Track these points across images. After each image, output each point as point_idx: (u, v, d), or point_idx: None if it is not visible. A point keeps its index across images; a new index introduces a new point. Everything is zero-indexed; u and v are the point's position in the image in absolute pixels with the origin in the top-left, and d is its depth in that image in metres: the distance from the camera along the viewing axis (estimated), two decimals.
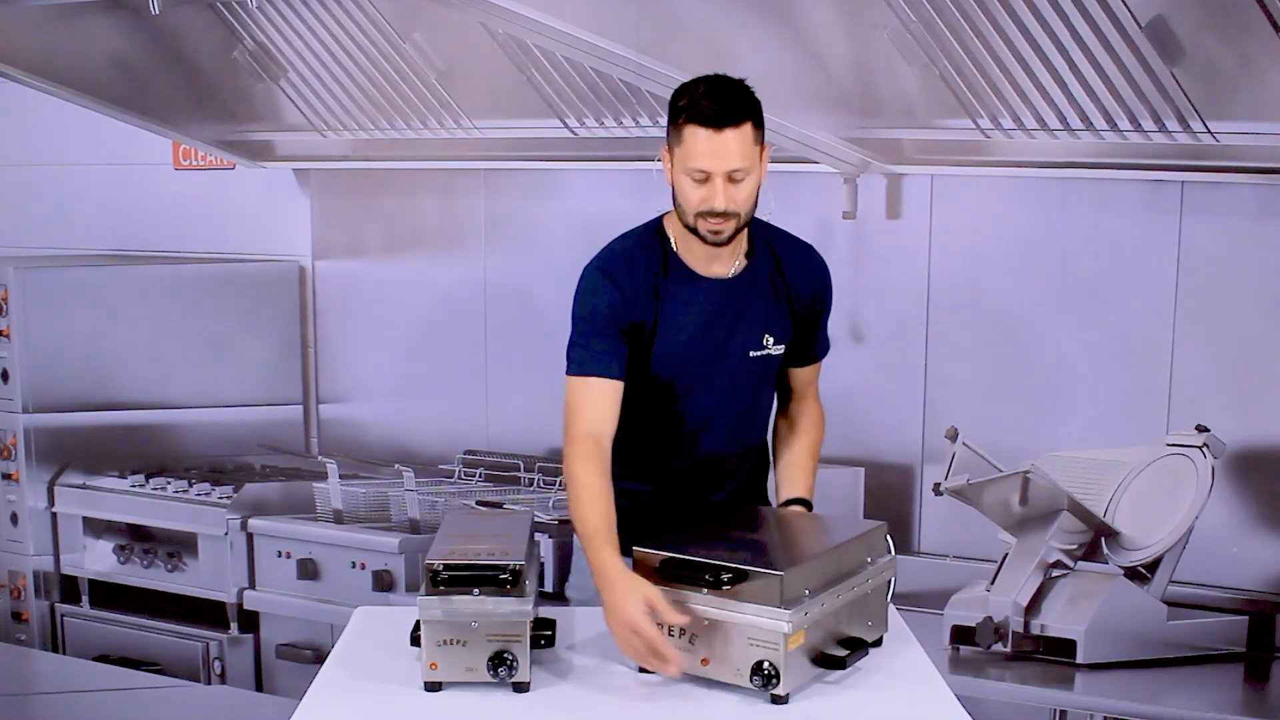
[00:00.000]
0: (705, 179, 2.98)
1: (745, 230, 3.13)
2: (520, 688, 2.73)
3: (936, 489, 3.87)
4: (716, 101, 2.98)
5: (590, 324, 3.11)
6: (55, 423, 5.63)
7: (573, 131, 5.13)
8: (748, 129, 2.98)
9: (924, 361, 4.71)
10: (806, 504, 3.25)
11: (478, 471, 5.21)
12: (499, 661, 2.70)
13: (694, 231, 3.07)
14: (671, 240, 3.16)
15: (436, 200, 5.76)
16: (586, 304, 3.13)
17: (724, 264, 3.16)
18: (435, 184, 5.73)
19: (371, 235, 5.96)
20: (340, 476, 5.12)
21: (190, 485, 5.40)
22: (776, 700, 2.67)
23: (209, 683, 5.21)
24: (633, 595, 2.79)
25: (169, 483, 5.45)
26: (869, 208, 4.72)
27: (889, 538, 3.06)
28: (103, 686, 4.25)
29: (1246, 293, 4.16)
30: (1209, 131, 3.94)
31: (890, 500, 4.70)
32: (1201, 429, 3.89)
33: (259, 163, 5.98)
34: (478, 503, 4.85)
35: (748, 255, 3.19)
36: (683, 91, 3.03)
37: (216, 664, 5.26)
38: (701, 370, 3.19)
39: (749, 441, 3.33)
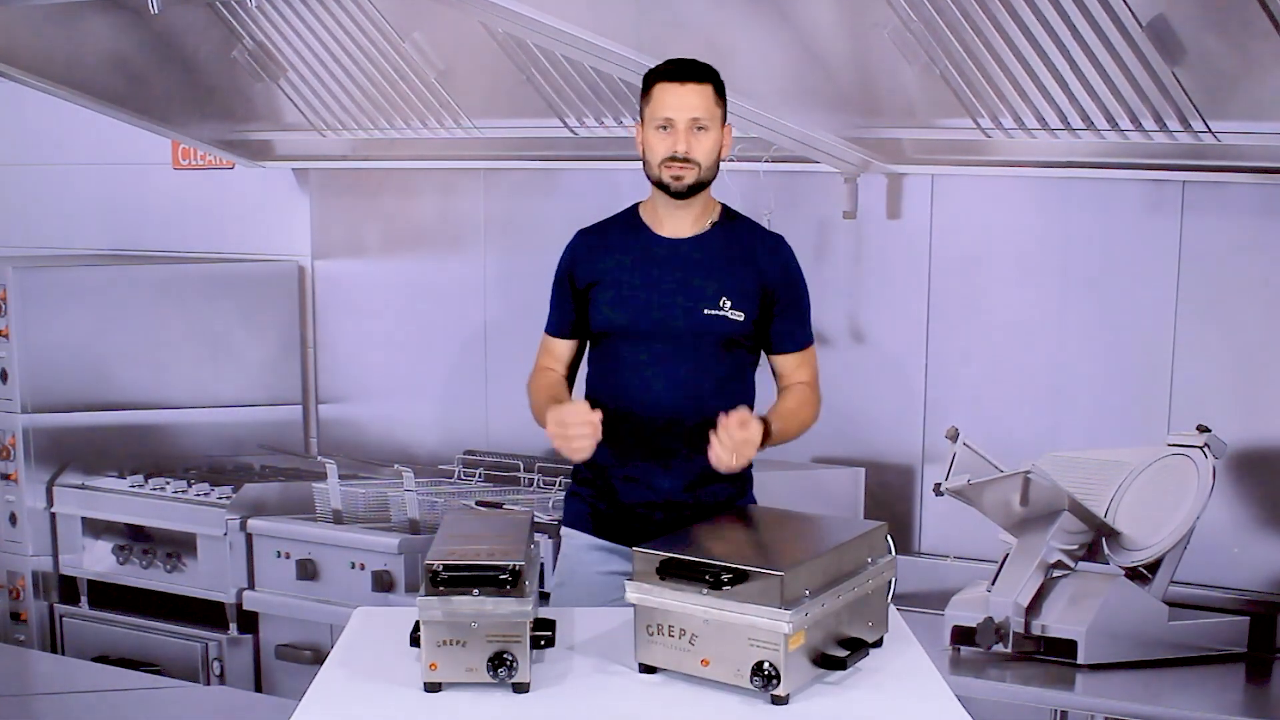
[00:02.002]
0: (669, 127, 3.26)
1: (713, 202, 3.39)
2: (520, 688, 2.73)
3: (937, 489, 3.87)
4: (681, 64, 3.33)
5: (554, 287, 3.47)
6: (54, 423, 5.63)
7: (572, 131, 5.14)
8: (709, 90, 3.29)
9: (924, 361, 4.70)
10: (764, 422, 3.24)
11: (477, 471, 5.20)
12: (499, 662, 2.69)
13: (660, 186, 3.32)
14: (641, 213, 3.43)
15: (436, 200, 5.75)
16: (557, 269, 3.48)
17: (686, 226, 3.38)
18: (435, 184, 5.73)
19: (371, 235, 5.95)
20: (340, 477, 5.12)
21: (189, 485, 5.40)
22: (777, 701, 2.66)
23: (208, 683, 5.20)
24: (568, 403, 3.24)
25: (168, 483, 5.45)
26: (869, 207, 4.72)
27: (889, 538, 3.06)
28: (102, 687, 4.25)
29: (1247, 292, 4.15)
30: (1210, 131, 3.93)
31: (890, 500, 4.70)
32: (1202, 429, 3.88)
33: (258, 162, 5.98)
34: (478, 503, 4.85)
35: (715, 225, 3.40)
36: (653, 68, 3.37)
37: (216, 664, 5.25)
38: (655, 323, 3.33)
39: (709, 413, 3.33)
